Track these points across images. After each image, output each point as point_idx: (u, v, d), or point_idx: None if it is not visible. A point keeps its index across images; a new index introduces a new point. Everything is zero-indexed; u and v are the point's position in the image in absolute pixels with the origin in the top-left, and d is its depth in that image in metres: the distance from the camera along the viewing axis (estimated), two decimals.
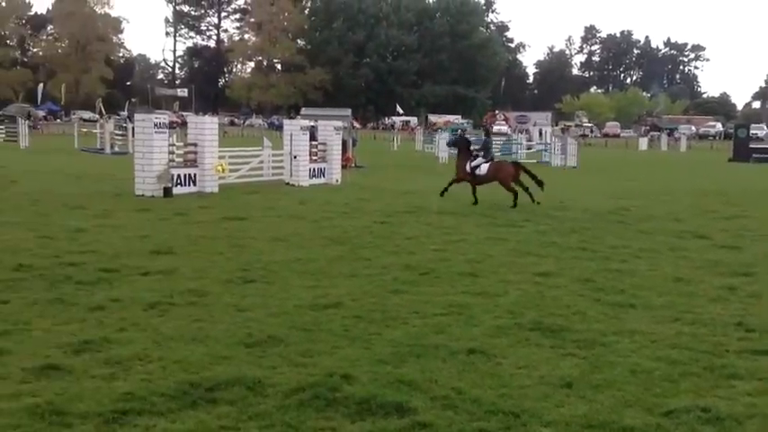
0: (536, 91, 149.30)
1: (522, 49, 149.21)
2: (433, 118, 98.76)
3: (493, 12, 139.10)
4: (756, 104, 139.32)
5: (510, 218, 16.00)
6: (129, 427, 4.89)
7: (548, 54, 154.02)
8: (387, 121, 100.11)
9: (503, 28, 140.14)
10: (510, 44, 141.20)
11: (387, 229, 14.01)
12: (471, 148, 20.08)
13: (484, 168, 18.82)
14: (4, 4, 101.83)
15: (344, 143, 28.32)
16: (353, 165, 30.65)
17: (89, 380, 5.67)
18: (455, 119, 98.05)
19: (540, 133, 58.83)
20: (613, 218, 16.60)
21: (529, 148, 45.94)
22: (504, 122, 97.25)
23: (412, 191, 21.59)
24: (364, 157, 35.26)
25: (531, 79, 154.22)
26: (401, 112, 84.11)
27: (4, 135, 43.56)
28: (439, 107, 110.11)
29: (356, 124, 56.59)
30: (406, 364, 6.33)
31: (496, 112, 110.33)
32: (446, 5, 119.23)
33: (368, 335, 7.13)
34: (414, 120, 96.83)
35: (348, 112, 36.86)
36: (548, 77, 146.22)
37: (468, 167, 19.05)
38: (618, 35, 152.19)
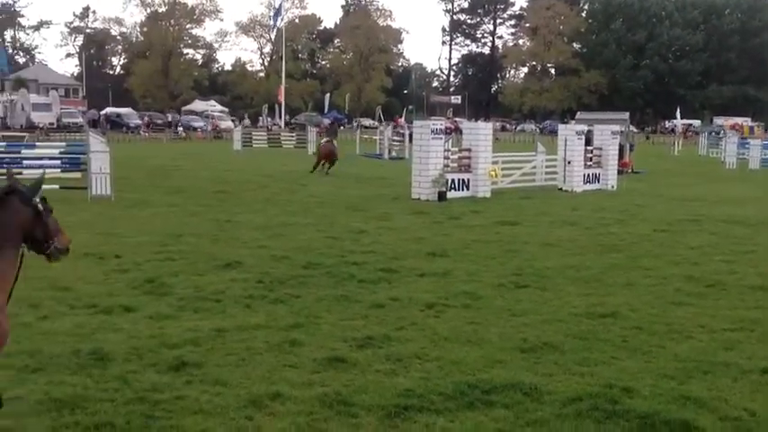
0: None
1: None
2: (718, 121, 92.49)
3: None
4: None
5: None
6: (409, 423, 5.07)
7: None
8: (667, 124, 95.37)
9: None
10: None
11: (667, 237, 13.33)
12: None
13: None
14: (297, 20, 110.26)
15: (621, 148, 27.35)
16: (630, 170, 29.50)
17: (372, 374, 5.96)
18: (743, 121, 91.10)
19: None
20: None
21: None
22: None
23: (695, 198, 20.34)
24: (642, 162, 33.84)
25: None
26: (678, 119, 79.76)
27: (294, 142, 47.13)
28: (726, 109, 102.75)
29: (633, 128, 54.54)
30: (692, 380, 5.98)
31: None
32: (737, 2, 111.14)
33: (649, 347, 6.82)
34: (697, 123, 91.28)
35: (625, 115, 35.55)
36: None
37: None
38: None
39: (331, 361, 6.21)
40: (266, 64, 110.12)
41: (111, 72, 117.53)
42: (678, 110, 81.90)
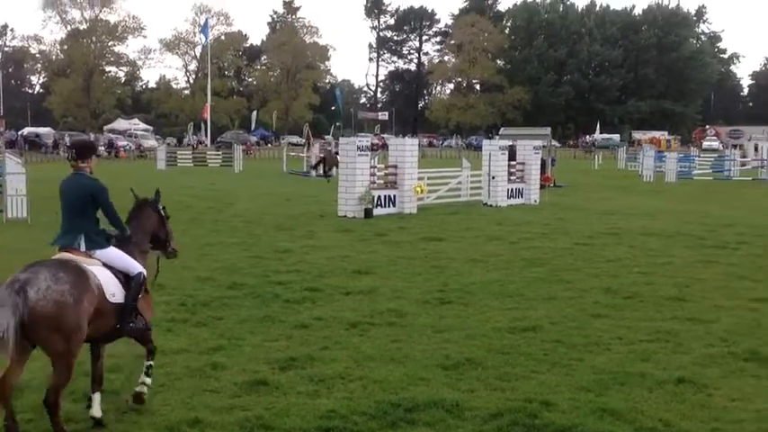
0: (751, 104, 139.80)
1: (735, 60, 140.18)
2: (637, 135, 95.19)
3: (704, 22, 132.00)
4: None
5: (722, 239, 15.07)
6: None
7: (765, 64, 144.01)
8: (587, 138, 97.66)
9: (715, 38, 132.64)
10: (722, 55, 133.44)
11: (588, 250, 13.62)
12: None
13: None
14: (223, 38, 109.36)
15: (543, 162, 27.91)
16: (552, 184, 30.12)
17: (295, 396, 5.92)
18: (661, 135, 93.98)
19: (756, 149, 55.09)
20: None
21: (743, 165, 43.11)
22: (714, 138, 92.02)
23: (613, 211, 20.87)
24: (564, 176, 34.59)
25: (745, 92, 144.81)
26: (598, 133, 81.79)
27: (221, 160, 46.67)
28: (644, 123, 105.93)
29: (555, 143, 55.65)
30: (610, 392, 6.11)
31: (707, 127, 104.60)
32: (654, 18, 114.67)
33: (568, 360, 6.95)
34: (616, 137, 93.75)
35: (547, 130, 36.25)
36: (766, 89, 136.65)
37: None
38: None
39: (253, 384, 6.15)
40: (191, 81, 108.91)
41: (31, 91, 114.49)
42: (598, 124, 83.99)
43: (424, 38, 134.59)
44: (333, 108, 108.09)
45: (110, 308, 5.17)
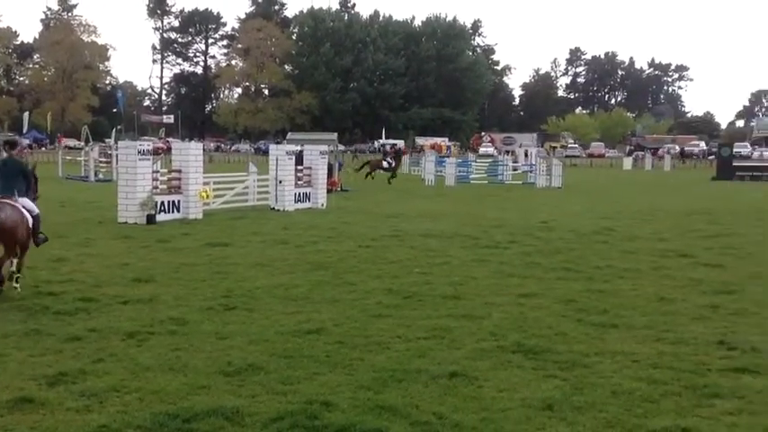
0: (522, 113, 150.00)
1: (508, 72, 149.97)
2: (420, 140, 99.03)
3: (479, 35, 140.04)
4: (740, 123, 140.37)
5: (494, 239, 16.00)
6: None
7: (533, 76, 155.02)
8: (374, 144, 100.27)
9: (489, 51, 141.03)
10: (496, 67, 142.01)
11: (371, 253, 13.95)
12: None
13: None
14: None
15: (330, 167, 28.31)
16: (339, 188, 30.63)
17: (63, 413, 5.59)
18: (442, 141, 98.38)
19: (526, 154, 59.09)
20: (597, 238, 16.61)
21: (515, 170, 46.05)
22: (490, 144, 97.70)
23: (397, 214, 21.55)
24: (350, 180, 35.27)
25: (517, 101, 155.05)
26: (383, 139, 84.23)
27: None
28: (426, 130, 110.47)
29: (342, 148, 56.68)
30: (388, 389, 6.27)
31: (483, 133, 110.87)
32: (432, 30, 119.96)
33: (349, 360, 7.08)
34: (401, 143, 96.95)
35: (334, 136, 36.80)
36: (533, 99, 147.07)
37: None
38: (602, 57, 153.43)
39: (17, 402, 5.73)
40: None
41: None
42: (384, 130, 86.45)
43: (211, 41, 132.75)
44: (114, 110, 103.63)
45: (29, 229, 9.88)
